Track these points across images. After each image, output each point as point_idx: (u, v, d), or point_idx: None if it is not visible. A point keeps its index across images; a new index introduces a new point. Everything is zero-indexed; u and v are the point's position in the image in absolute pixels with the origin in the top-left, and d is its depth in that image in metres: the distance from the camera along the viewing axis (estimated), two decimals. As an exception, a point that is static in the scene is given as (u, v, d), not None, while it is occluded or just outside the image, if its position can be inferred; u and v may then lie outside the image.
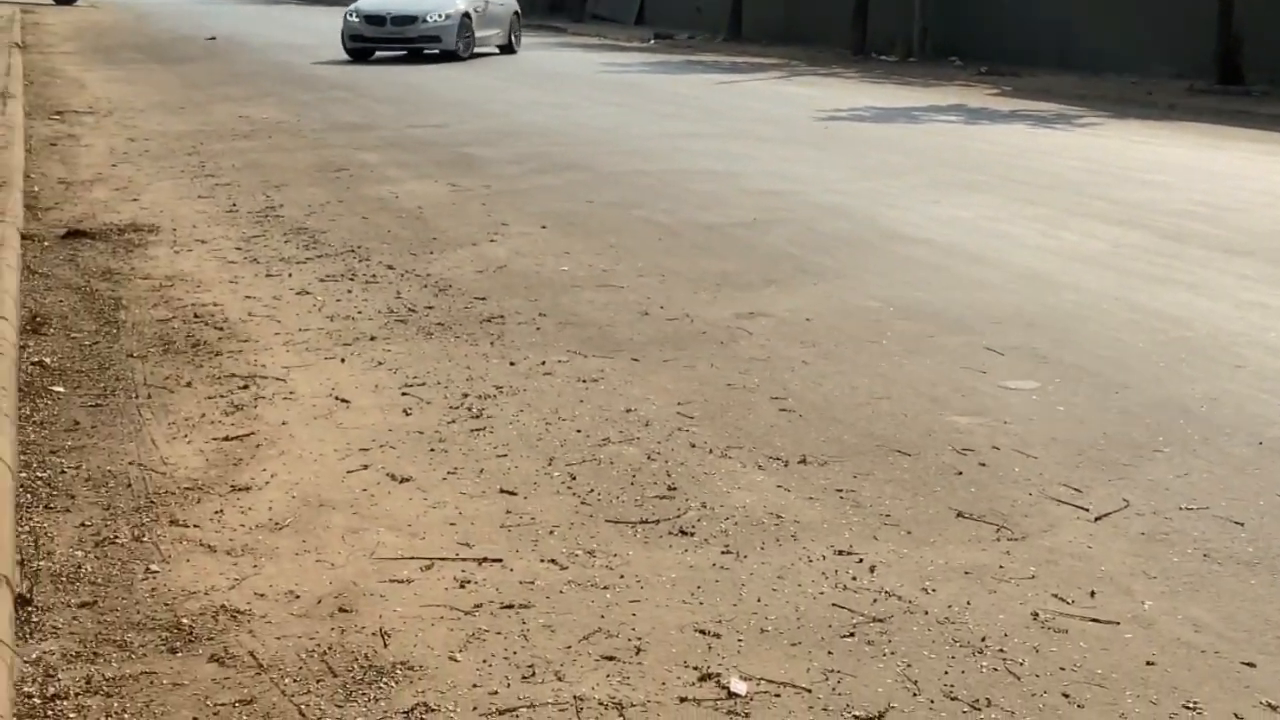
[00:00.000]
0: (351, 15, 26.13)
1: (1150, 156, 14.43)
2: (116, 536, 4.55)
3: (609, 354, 6.79)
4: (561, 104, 18.51)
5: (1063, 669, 3.77)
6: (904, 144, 14.87)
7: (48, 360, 6.50)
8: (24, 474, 5.02)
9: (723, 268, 8.61)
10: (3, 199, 9.59)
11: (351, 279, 8.30)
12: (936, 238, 9.57)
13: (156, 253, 8.98)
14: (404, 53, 26.43)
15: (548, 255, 8.97)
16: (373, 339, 7.03)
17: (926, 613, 4.09)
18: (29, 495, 4.85)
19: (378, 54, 26.27)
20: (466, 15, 26.33)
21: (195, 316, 7.40)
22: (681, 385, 6.30)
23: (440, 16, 25.97)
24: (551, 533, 4.65)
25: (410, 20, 25.79)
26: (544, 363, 6.64)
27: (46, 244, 9.09)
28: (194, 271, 8.46)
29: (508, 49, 28.62)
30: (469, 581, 4.27)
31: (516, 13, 29.18)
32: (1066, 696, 3.62)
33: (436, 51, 26.31)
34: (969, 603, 4.16)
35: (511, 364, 6.62)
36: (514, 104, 18.31)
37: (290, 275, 8.39)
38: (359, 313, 7.53)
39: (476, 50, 26.97)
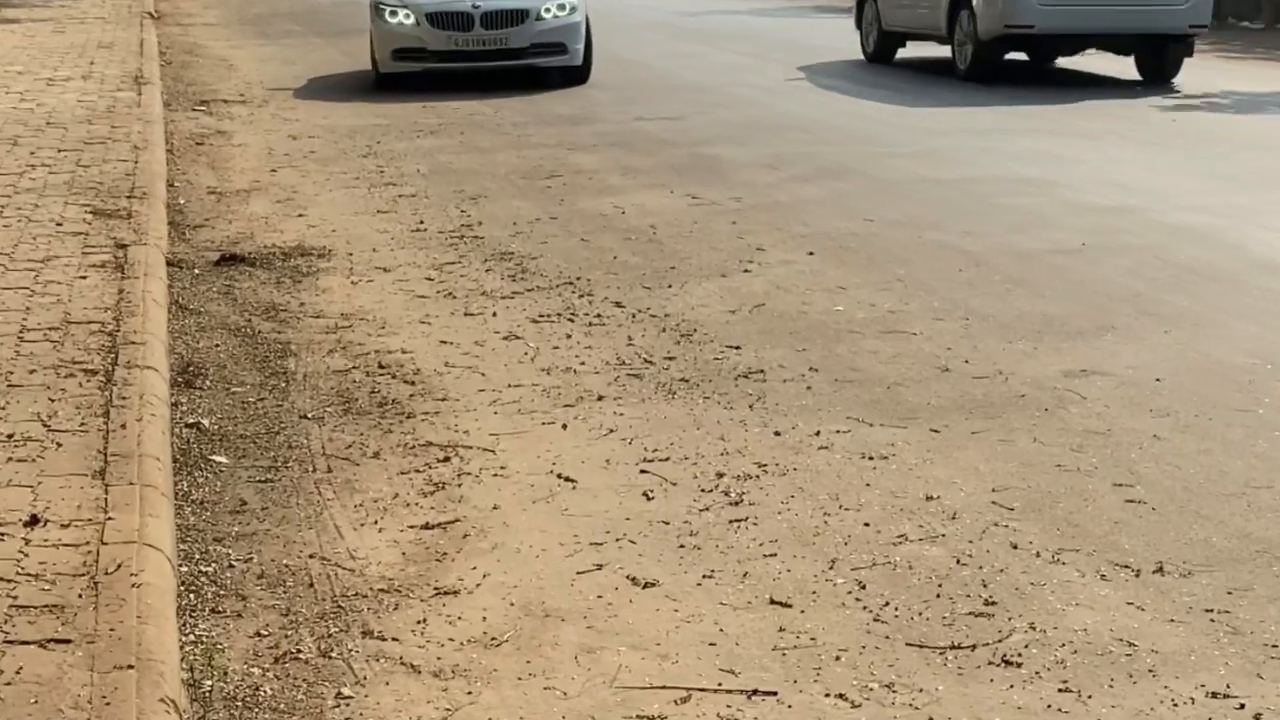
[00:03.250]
0: (392, 12, 19.05)
1: None
2: (299, 651, 4.75)
3: (901, 422, 6.84)
4: (825, 86, 18.64)
5: None
6: (1278, 143, 14.60)
7: (205, 422, 6.81)
8: (184, 568, 5.28)
9: (1044, 309, 8.60)
10: (143, 215, 10.05)
11: (571, 320, 8.50)
12: (1327, 270, 9.43)
13: (330, 283, 9.33)
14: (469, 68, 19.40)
15: (817, 290, 9.06)
16: (600, 399, 7.19)
17: (1332, 780, 4.05)
18: (192, 595, 5.11)
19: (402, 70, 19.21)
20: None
21: (380, 367, 7.67)
22: (996, 465, 6.31)
23: (561, 9, 19.24)
24: (838, 658, 4.72)
25: (518, 18, 19.06)
26: (818, 433, 6.71)
27: (197, 272, 9.52)
28: (376, 308, 8.76)
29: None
30: (736, 721, 4.37)
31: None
32: None
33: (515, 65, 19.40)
34: (1388, 768, 4.10)
35: (777, 434, 6.71)
36: (766, 88, 18.50)
37: (494, 314, 8.63)
38: (582, 364, 7.71)
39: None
